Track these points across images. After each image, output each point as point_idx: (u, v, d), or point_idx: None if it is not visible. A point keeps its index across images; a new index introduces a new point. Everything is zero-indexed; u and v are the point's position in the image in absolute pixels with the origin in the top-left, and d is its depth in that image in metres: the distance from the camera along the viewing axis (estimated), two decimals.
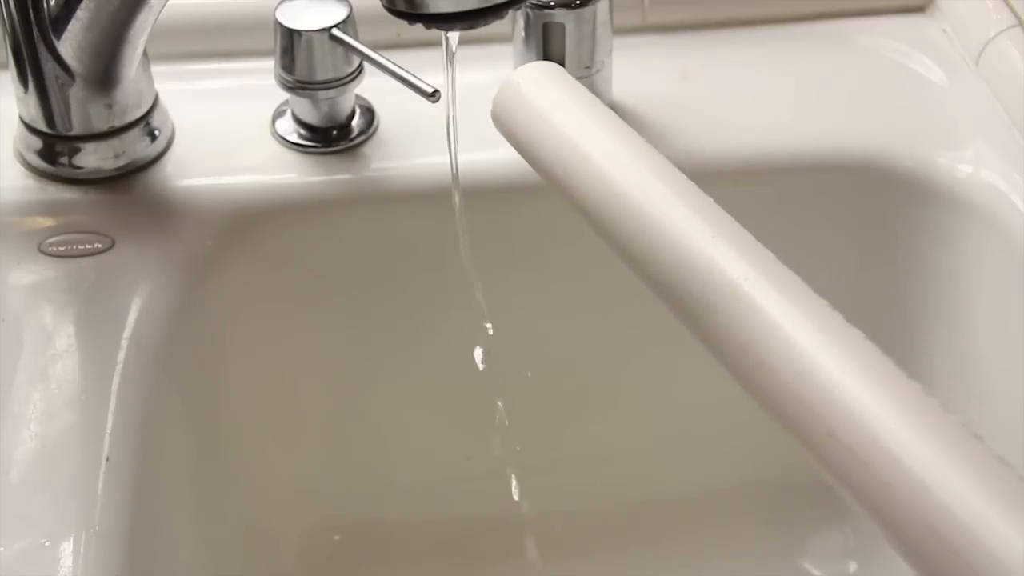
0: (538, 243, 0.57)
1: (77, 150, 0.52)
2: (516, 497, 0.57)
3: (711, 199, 0.37)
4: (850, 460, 0.31)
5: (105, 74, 0.50)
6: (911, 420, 0.30)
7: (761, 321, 0.34)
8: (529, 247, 0.57)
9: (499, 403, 0.58)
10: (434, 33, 0.44)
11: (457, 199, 0.51)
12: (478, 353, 0.55)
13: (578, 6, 0.52)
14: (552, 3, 0.52)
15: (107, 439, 0.44)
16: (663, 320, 0.60)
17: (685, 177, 0.38)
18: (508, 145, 0.55)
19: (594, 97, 0.41)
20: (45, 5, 0.49)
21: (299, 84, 0.53)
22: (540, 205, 0.56)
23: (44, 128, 0.52)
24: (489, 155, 0.55)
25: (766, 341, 0.33)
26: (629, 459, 0.63)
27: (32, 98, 0.51)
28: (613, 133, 0.39)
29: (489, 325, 0.54)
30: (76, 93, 0.51)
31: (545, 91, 0.41)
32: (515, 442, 0.62)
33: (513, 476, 0.58)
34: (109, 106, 0.52)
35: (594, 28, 0.53)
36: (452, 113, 0.49)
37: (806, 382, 0.32)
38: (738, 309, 0.34)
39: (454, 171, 0.50)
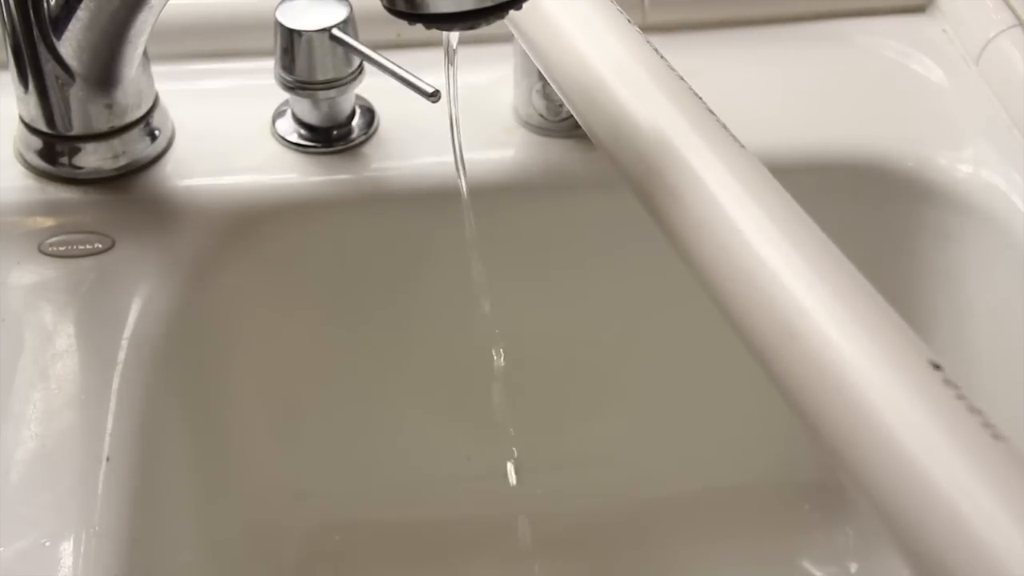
0: (537, 243, 0.57)
1: (77, 150, 0.52)
2: (512, 481, 0.58)
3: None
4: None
5: (105, 74, 0.50)
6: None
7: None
8: (528, 247, 0.57)
9: (498, 393, 0.58)
10: (434, 33, 0.44)
11: (464, 193, 0.51)
12: (510, 468, 0.56)
13: None
14: None
15: (107, 439, 0.44)
16: (663, 320, 0.60)
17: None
18: (508, 145, 0.56)
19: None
20: (45, 5, 0.49)
21: (299, 84, 0.53)
22: (539, 205, 0.56)
23: (44, 128, 0.52)
24: (489, 155, 0.55)
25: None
26: (629, 459, 0.63)
27: (32, 98, 0.51)
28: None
29: (487, 304, 0.54)
30: (76, 93, 0.51)
31: None
32: (515, 442, 0.62)
33: (511, 468, 0.58)
34: (109, 106, 0.51)
35: None
36: (455, 114, 0.49)
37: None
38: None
39: (460, 170, 0.50)
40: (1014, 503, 0.28)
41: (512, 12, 0.40)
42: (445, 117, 0.49)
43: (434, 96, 0.49)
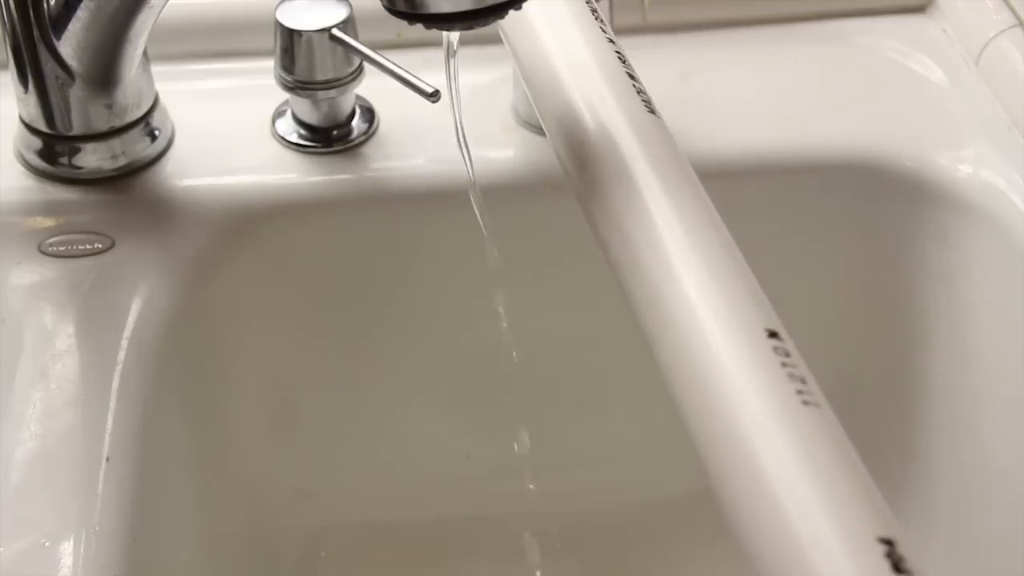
0: (536, 243, 0.57)
1: (77, 150, 0.52)
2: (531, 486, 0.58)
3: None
4: None
5: (105, 74, 0.50)
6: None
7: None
8: (527, 247, 0.57)
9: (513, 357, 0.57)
10: (434, 33, 0.44)
11: (475, 201, 0.51)
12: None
13: None
14: None
15: (107, 439, 0.44)
16: None
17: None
18: (508, 145, 0.56)
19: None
20: (45, 5, 0.49)
21: (299, 84, 0.53)
22: (539, 205, 0.56)
23: (44, 128, 0.52)
24: (489, 155, 0.55)
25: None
26: (629, 459, 0.63)
27: (32, 98, 0.51)
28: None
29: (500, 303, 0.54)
30: (76, 93, 0.51)
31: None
32: (514, 442, 0.62)
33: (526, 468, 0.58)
34: (109, 106, 0.52)
35: None
36: (458, 114, 0.49)
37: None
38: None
39: (469, 172, 0.50)
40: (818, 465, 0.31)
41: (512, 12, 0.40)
42: (445, 117, 0.49)
43: (434, 96, 0.49)
